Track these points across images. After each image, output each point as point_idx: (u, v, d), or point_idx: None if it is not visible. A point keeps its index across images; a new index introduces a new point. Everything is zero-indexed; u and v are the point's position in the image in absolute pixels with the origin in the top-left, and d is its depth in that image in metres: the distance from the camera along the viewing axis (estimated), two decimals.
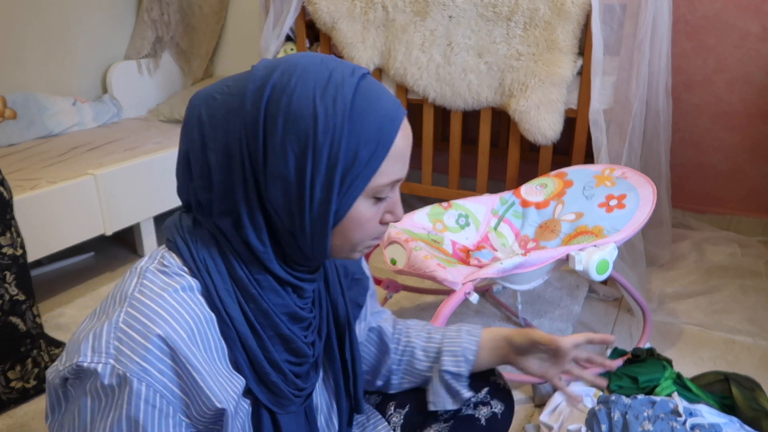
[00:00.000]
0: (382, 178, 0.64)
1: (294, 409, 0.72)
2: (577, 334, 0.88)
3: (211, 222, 0.66)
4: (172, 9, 2.93)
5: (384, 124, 0.62)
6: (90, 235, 1.99)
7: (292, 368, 0.71)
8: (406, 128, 0.65)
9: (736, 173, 2.39)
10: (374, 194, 0.65)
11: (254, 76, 0.62)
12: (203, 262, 0.64)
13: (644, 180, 1.56)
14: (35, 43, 2.52)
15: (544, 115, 1.90)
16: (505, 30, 1.92)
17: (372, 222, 0.67)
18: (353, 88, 0.61)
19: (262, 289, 0.66)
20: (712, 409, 1.33)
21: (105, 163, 2.11)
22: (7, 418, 1.43)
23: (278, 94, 0.60)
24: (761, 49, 2.21)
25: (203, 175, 0.64)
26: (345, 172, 0.61)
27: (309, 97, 0.60)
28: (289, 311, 0.69)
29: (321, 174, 0.61)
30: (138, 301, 0.61)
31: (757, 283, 2.00)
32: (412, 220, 1.68)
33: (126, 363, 0.57)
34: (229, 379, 0.65)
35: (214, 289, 0.63)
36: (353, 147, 0.61)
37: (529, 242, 1.65)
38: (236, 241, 0.65)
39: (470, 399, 0.95)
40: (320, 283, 0.78)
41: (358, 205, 0.64)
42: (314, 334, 0.75)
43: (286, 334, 0.69)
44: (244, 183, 0.63)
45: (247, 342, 0.65)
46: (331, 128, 0.60)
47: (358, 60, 2.16)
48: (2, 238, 1.38)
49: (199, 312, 0.63)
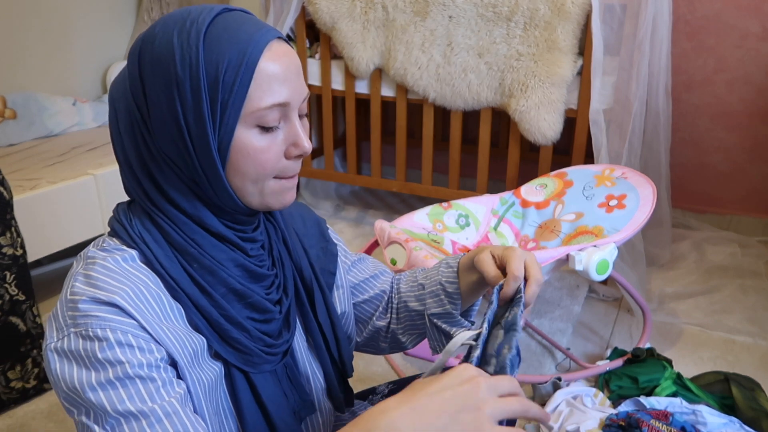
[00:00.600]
0: (257, 102, 0.62)
1: (268, 368, 0.71)
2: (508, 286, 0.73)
3: (139, 193, 0.67)
4: (171, 9, 2.93)
5: (244, 47, 0.61)
6: (90, 235, 1.99)
7: (256, 325, 0.70)
8: (278, 49, 0.64)
9: (736, 173, 2.39)
10: (257, 122, 0.63)
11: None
12: (139, 235, 0.65)
13: (644, 180, 1.56)
14: (35, 43, 2.52)
15: (544, 115, 1.90)
16: (505, 30, 1.92)
17: (267, 154, 0.64)
18: (210, 19, 0.62)
19: (202, 248, 0.66)
20: (712, 409, 1.33)
21: (105, 163, 2.11)
22: (7, 418, 1.43)
23: (146, 44, 0.63)
24: (761, 49, 2.21)
25: (118, 146, 0.66)
26: (212, 101, 0.61)
27: (168, 39, 0.61)
28: (241, 265, 0.69)
29: (189, 109, 0.61)
30: (82, 275, 0.63)
31: (757, 283, 2.00)
32: (412, 220, 1.68)
33: (84, 323, 0.59)
34: (187, 335, 0.65)
35: (154, 257, 0.64)
36: (212, 74, 0.60)
37: (529, 242, 1.65)
38: (163, 205, 0.66)
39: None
40: (279, 244, 0.77)
41: (241, 134, 0.63)
42: (279, 291, 0.75)
43: (239, 288, 0.68)
44: (144, 141, 0.64)
45: (198, 301, 0.65)
46: (187, 60, 0.60)
47: (358, 60, 2.16)
48: (2, 238, 1.38)
49: (143, 276, 0.64)
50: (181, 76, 0.60)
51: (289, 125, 0.66)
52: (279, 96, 0.63)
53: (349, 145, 2.44)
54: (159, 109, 0.62)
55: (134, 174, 0.66)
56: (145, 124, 0.64)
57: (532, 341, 1.70)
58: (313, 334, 0.80)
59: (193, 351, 0.65)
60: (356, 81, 2.27)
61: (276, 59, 0.63)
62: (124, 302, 0.60)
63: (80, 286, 0.62)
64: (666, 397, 1.36)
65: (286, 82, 0.64)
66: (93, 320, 0.59)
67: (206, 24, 0.61)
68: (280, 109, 0.64)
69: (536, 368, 1.58)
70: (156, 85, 0.62)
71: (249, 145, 0.63)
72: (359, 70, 2.18)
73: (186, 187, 0.65)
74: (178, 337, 0.63)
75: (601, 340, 1.72)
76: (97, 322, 0.59)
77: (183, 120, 0.61)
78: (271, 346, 0.71)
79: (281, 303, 0.75)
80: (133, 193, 0.68)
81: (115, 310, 0.60)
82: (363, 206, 2.75)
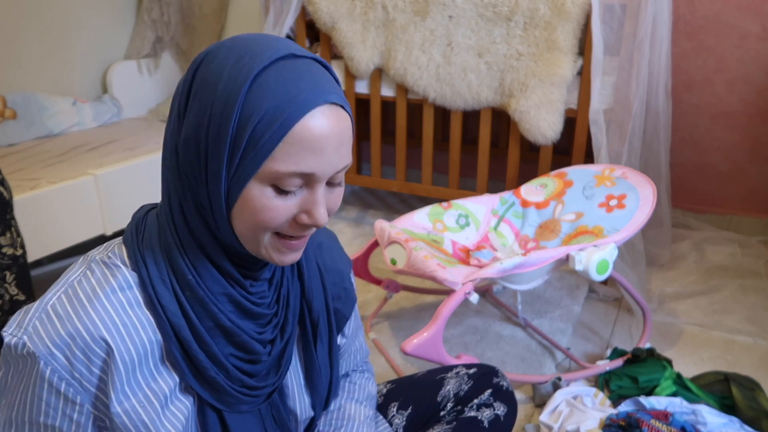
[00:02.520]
0: (280, 165, 0.58)
1: (246, 408, 0.69)
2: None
3: (164, 196, 0.66)
4: (172, 9, 2.93)
5: (286, 106, 0.57)
6: (90, 235, 1.99)
7: (239, 364, 0.67)
8: (324, 116, 0.59)
9: (736, 173, 2.39)
10: (272, 181, 0.59)
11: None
12: (142, 252, 0.64)
13: (644, 180, 1.56)
14: (35, 43, 2.52)
15: (544, 115, 1.90)
16: (505, 30, 1.92)
17: (272, 213, 0.60)
18: (267, 61, 0.58)
19: (201, 277, 0.64)
20: (712, 409, 1.33)
21: (105, 163, 2.11)
22: None
23: (206, 61, 0.60)
24: (761, 49, 2.21)
25: (166, 135, 0.65)
26: (235, 146, 0.57)
27: (223, 64, 0.58)
28: (235, 301, 0.66)
29: (212, 142, 0.58)
30: (73, 290, 0.62)
31: (757, 283, 2.00)
32: (412, 220, 1.68)
33: (37, 343, 0.59)
34: (154, 385, 0.63)
35: (149, 280, 0.63)
36: (245, 120, 0.57)
37: (529, 242, 1.65)
38: (178, 220, 0.64)
39: (473, 401, 0.95)
40: (292, 281, 0.75)
41: (252, 188, 0.59)
42: (275, 331, 0.72)
43: (228, 326, 0.65)
44: (175, 148, 0.62)
45: (180, 332, 0.63)
46: (227, 95, 0.57)
47: (358, 60, 2.16)
48: (2, 238, 1.38)
49: (131, 314, 0.62)
50: (216, 107, 0.58)
51: (310, 193, 0.61)
52: (304, 166, 0.58)
53: None
54: (190, 125, 0.60)
55: (166, 180, 0.65)
56: (180, 131, 0.62)
57: (532, 341, 1.70)
58: (313, 373, 0.78)
59: (162, 400, 0.64)
60: (356, 81, 2.27)
61: (316, 127, 0.58)
62: (94, 343, 0.60)
63: (65, 302, 0.61)
64: (666, 397, 1.36)
65: (319, 153, 0.59)
66: (45, 349, 0.59)
67: (261, 66, 0.57)
68: (303, 178, 0.60)
69: (536, 368, 1.58)
70: (195, 102, 0.59)
71: (258, 201, 0.59)
72: (359, 70, 2.18)
73: (198, 213, 0.63)
74: (132, 391, 0.62)
75: (601, 340, 1.72)
76: (47, 353, 0.58)
77: (204, 147, 0.59)
78: (252, 388, 0.69)
79: (273, 343, 0.72)
80: (163, 193, 0.66)
81: (80, 345, 0.59)
82: (363, 206, 2.75)
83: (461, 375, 0.99)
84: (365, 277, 1.78)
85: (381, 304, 1.82)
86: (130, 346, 0.61)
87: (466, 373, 0.99)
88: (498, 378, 0.99)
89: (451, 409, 0.96)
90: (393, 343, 1.71)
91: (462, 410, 0.95)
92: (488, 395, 0.96)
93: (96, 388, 0.61)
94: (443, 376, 1.00)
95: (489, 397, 0.96)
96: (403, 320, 1.83)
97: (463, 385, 0.97)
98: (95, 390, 0.61)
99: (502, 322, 1.80)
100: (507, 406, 0.96)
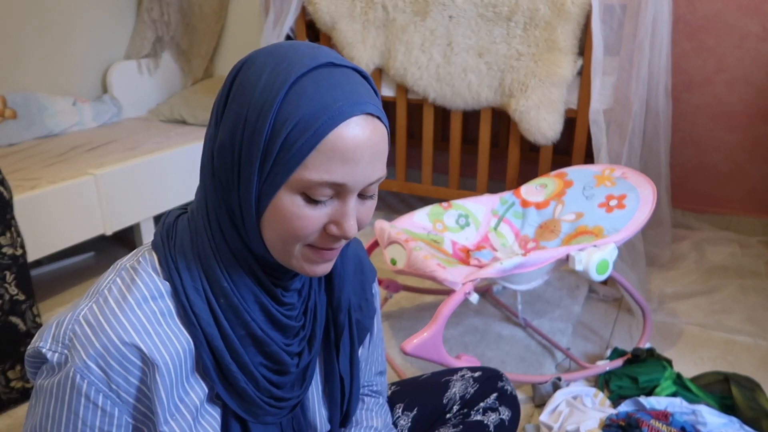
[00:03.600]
0: (311, 174, 0.57)
1: (270, 420, 0.68)
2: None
3: (201, 199, 0.65)
4: (172, 9, 2.93)
5: (321, 113, 0.56)
6: (90, 235, 1.99)
7: (268, 374, 0.67)
8: (359, 126, 0.58)
9: (736, 173, 2.39)
10: (303, 190, 0.58)
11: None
12: (174, 259, 0.63)
13: (644, 180, 1.56)
14: (35, 43, 2.52)
15: (544, 115, 1.90)
16: (505, 30, 1.92)
17: (302, 222, 0.60)
18: (305, 69, 0.58)
19: (234, 285, 0.64)
20: (712, 409, 1.33)
21: (105, 163, 2.11)
22: (7, 418, 1.43)
23: (245, 67, 0.60)
24: (761, 49, 2.21)
25: (206, 137, 0.65)
26: (267, 152, 0.57)
27: (261, 70, 0.58)
28: (266, 311, 0.66)
29: (246, 147, 0.58)
30: (104, 299, 0.61)
31: (757, 283, 2.00)
32: (412, 220, 1.68)
33: (74, 357, 0.58)
34: (185, 393, 0.63)
35: (182, 288, 0.62)
36: (279, 127, 0.57)
37: (529, 242, 1.65)
38: (213, 224, 0.63)
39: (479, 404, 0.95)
40: (320, 294, 0.74)
41: (282, 196, 0.59)
42: (302, 344, 0.71)
43: (259, 335, 0.65)
44: (212, 153, 0.62)
45: (213, 341, 0.63)
46: (263, 101, 0.57)
47: (358, 60, 2.16)
48: (2, 238, 1.38)
49: (164, 324, 0.62)
50: (252, 113, 0.58)
51: (340, 204, 0.61)
52: (336, 176, 0.58)
53: None
54: (226, 130, 0.60)
55: (203, 179, 0.64)
56: (216, 136, 0.61)
57: (532, 341, 1.70)
58: (333, 386, 0.77)
59: (194, 412, 0.64)
60: None
61: (350, 137, 0.57)
62: (128, 352, 0.59)
63: (96, 312, 0.60)
64: (666, 397, 1.36)
65: (351, 164, 0.58)
66: (81, 363, 0.58)
67: (299, 74, 0.57)
68: (334, 188, 0.59)
69: (536, 368, 1.58)
70: (233, 107, 0.59)
71: (288, 209, 0.59)
72: None
73: (230, 220, 0.63)
74: (175, 408, 0.62)
75: (601, 340, 1.72)
76: (83, 366, 0.58)
77: (238, 153, 0.59)
78: (279, 399, 0.69)
79: (301, 356, 0.71)
80: (200, 199, 0.66)
81: (115, 354, 0.59)
82: None
83: (467, 378, 1.00)
84: None
85: (381, 304, 1.82)
86: (166, 357, 0.61)
87: (471, 376, 1.00)
88: (503, 382, 1.00)
89: (457, 412, 0.96)
90: (393, 343, 1.71)
91: (468, 413, 0.95)
92: (494, 399, 0.96)
93: (135, 399, 0.61)
94: (448, 378, 1.01)
95: (495, 401, 0.96)
96: (403, 320, 1.83)
97: (469, 388, 0.98)
98: (134, 401, 0.61)
99: (502, 322, 1.80)
100: (511, 410, 0.97)
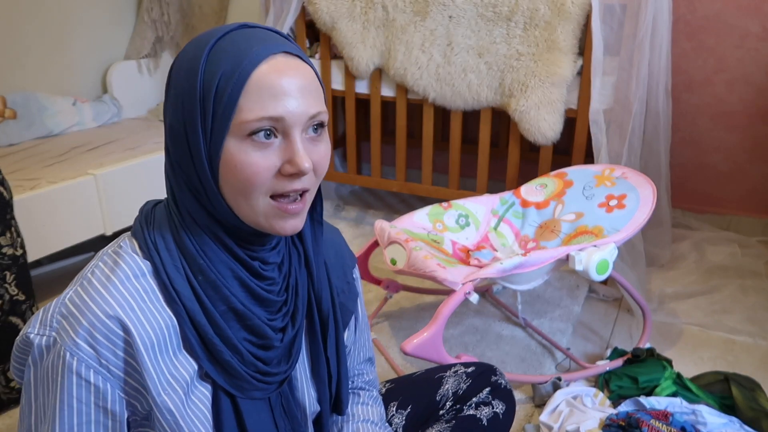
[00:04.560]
0: (247, 114, 0.60)
1: (259, 395, 0.70)
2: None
3: (168, 194, 0.69)
4: (172, 9, 2.93)
5: (241, 59, 0.61)
6: (90, 235, 1.99)
7: (252, 349, 0.69)
8: (281, 63, 0.62)
9: (736, 173, 2.39)
10: (245, 133, 0.61)
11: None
12: (153, 242, 0.66)
13: (644, 180, 1.56)
14: (35, 43, 2.52)
15: (544, 115, 1.90)
16: (505, 30, 1.92)
17: (254, 168, 0.61)
18: (221, 33, 0.63)
19: (211, 261, 0.66)
20: (712, 409, 1.33)
21: (105, 163, 2.10)
22: (7, 418, 1.43)
23: (178, 55, 0.66)
24: (761, 49, 2.21)
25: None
26: (204, 111, 0.61)
27: (184, 53, 0.64)
28: (246, 286, 0.68)
29: (188, 118, 0.62)
30: (88, 281, 0.64)
31: (757, 283, 2.00)
32: (412, 220, 1.68)
33: (63, 337, 0.60)
34: (174, 369, 0.65)
35: (162, 266, 0.65)
36: (208, 85, 0.61)
37: (529, 242, 1.65)
38: (182, 211, 0.67)
39: (472, 399, 0.95)
40: (300, 270, 0.76)
41: (230, 146, 0.61)
42: (285, 319, 0.73)
43: (240, 309, 0.67)
44: (167, 148, 0.67)
45: (195, 317, 0.65)
46: (192, 71, 0.62)
47: (358, 60, 2.16)
48: (2, 238, 1.38)
49: (147, 301, 0.64)
50: (184, 86, 0.62)
51: (288, 142, 0.63)
52: (271, 110, 0.61)
53: (349, 145, 2.44)
54: (169, 113, 0.65)
55: (167, 175, 0.68)
56: (169, 131, 0.65)
57: (532, 341, 1.70)
58: (319, 366, 0.79)
59: (185, 386, 0.65)
60: (356, 81, 2.27)
61: (274, 72, 0.61)
62: (115, 326, 0.61)
63: (82, 293, 0.63)
64: (666, 397, 1.36)
65: (282, 96, 0.61)
66: (70, 341, 0.60)
67: (217, 38, 0.63)
68: (273, 123, 0.62)
69: (536, 368, 1.58)
70: (170, 92, 0.65)
71: (237, 157, 0.61)
72: (359, 70, 2.18)
73: (194, 198, 0.66)
74: (165, 379, 0.64)
75: (601, 340, 1.72)
76: (72, 344, 0.60)
77: (184, 129, 0.63)
78: (265, 374, 0.70)
79: (285, 331, 0.73)
80: (167, 192, 0.69)
81: (102, 330, 0.61)
82: (363, 206, 2.75)
83: (460, 373, 1.00)
84: (365, 277, 1.78)
85: (381, 304, 1.82)
86: (150, 331, 0.63)
87: (464, 372, 1.00)
88: (496, 376, 0.99)
89: (450, 408, 0.96)
90: (393, 343, 1.71)
91: (461, 409, 0.95)
92: (486, 393, 0.96)
93: (124, 372, 0.62)
94: (442, 375, 1.00)
95: (487, 395, 0.96)
96: (403, 320, 1.83)
97: (462, 384, 0.98)
98: (124, 375, 0.62)
99: (502, 322, 1.80)
100: (505, 403, 0.97)
